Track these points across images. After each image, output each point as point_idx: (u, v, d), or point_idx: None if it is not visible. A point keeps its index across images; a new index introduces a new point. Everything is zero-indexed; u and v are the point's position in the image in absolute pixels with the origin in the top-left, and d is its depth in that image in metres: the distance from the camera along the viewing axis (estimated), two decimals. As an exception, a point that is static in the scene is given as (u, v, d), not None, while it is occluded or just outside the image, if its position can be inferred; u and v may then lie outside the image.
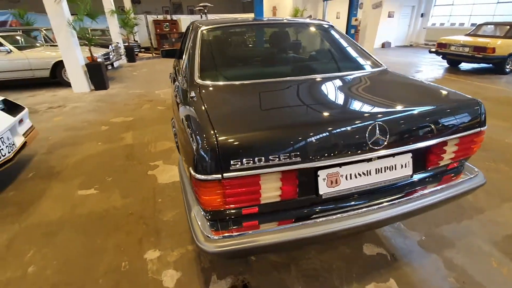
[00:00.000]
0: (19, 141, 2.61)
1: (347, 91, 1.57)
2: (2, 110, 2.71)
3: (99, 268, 1.60)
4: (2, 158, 2.31)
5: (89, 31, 10.16)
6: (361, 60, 1.98)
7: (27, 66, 6.00)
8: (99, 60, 6.14)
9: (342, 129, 1.12)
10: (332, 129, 1.12)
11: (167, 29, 14.32)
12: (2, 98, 2.83)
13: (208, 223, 1.15)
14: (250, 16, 11.27)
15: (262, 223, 1.17)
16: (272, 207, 1.17)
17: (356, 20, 6.92)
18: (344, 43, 2.14)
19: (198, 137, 1.06)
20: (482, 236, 1.76)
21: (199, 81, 1.59)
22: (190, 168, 1.05)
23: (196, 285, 1.48)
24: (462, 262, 1.57)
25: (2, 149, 2.33)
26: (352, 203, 1.24)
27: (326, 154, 1.11)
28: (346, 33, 7.28)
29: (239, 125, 1.13)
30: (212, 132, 1.03)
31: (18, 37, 6.71)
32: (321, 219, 1.17)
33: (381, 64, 1.94)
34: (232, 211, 1.12)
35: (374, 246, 1.71)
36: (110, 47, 7.89)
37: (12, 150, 2.44)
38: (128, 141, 3.40)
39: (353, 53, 2.07)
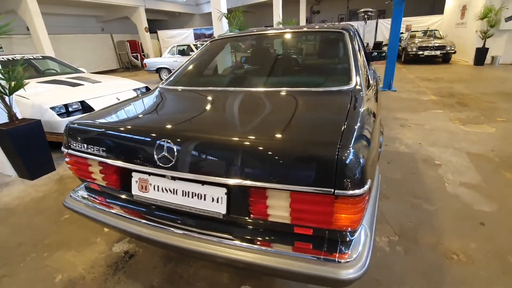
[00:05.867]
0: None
1: (234, 108, 1.49)
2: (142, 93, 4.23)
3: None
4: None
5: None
6: (328, 76, 1.62)
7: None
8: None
9: (140, 139, 1.18)
10: (132, 137, 1.20)
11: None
12: (145, 85, 4.37)
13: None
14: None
15: (111, 202, 1.43)
16: (106, 190, 1.40)
17: None
18: (335, 55, 1.76)
19: None
20: None
21: (161, 85, 1.96)
22: None
23: (112, 239, 1.92)
24: None
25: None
26: (159, 215, 1.24)
27: (131, 159, 1.21)
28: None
29: (95, 118, 1.44)
30: (78, 118, 1.43)
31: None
32: (131, 218, 1.28)
33: (350, 83, 1.49)
34: (84, 182, 1.47)
35: (250, 292, 1.46)
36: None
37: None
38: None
39: (330, 67, 1.69)
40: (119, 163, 1.23)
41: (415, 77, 7.43)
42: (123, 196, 1.35)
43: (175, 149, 1.08)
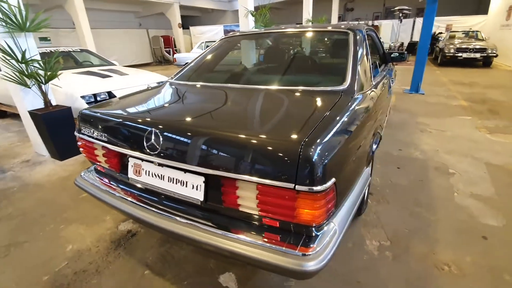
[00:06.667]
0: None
1: (228, 103, 1.57)
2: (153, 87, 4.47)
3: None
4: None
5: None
6: (325, 76, 1.63)
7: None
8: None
9: (134, 127, 1.30)
10: (128, 125, 1.33)
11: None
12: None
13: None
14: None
15: (112, 183, 1.59)
16: (109, 172, 1.56)
17: None
18: (336, 55, 1.77)
19: None
20: None
21: (170, 79, 2.10)
22: None
23: (119, 218, 2.10)
24: None
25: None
26: (149, 198, 1.36)
27: (128, 145, 1.34)
28: None
29: (103, 107, 1.59)
30: (90, 106, 1.60)
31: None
32: (126, 198, 1.41)
33: (343, 84, 1.50)
34: (93, 164, 1.64)
35: (231, 278, 1.54)
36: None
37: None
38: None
39: (330, 67, 1.70)
40: (117, 149, 1.37)
41: (448, 81, 6.98)
42: (121, 179, 1.50)
43: (160, 138, 1.19)
